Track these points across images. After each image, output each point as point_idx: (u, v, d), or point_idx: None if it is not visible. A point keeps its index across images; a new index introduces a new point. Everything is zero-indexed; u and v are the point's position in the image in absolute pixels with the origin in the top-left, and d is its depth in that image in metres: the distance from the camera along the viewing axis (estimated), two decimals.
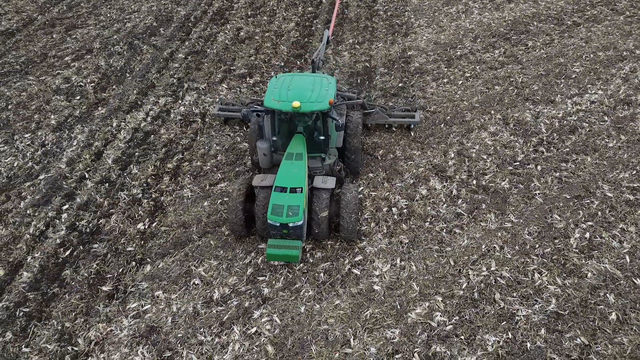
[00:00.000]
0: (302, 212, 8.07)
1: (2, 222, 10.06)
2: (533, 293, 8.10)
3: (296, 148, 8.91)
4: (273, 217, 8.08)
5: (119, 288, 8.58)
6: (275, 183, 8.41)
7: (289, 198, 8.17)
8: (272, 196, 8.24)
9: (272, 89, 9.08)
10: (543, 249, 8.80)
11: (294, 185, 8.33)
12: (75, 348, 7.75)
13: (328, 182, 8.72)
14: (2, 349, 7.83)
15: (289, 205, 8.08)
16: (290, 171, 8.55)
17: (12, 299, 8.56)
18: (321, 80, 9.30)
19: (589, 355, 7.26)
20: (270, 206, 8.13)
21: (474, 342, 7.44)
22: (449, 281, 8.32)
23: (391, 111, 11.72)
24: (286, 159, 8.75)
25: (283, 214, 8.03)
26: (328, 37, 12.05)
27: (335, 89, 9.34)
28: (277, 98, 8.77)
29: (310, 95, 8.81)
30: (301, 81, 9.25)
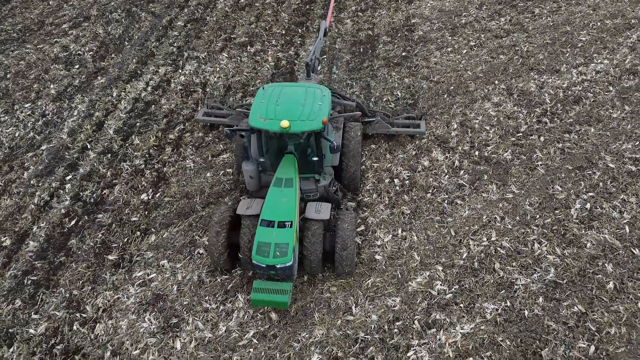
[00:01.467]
0: (291, 252, 7.10)
1: (6, 192, 10.13)
2: (532, 263, 8.22)
3: (286, 172, 7.84)
4: (258, 258, 7.12)
5: (125, 257, 8.72)
6: (261, 215, 7.43)
7: (277, 234, 7.16)
8: (258, 232, 7.25)
9: (258, 104, 7.97)
10: (543, 219, 8.88)
11: (283, 219, 7.30)
12: (84, 315, 7.95)
13: (322, 212, 7.74)
14: (12, 316, 8.03)
15: (277, 243, 7.10)
16: (278, 201, 7.52)
17: (19, 268, 8.71)
18: (314, 93, 8.21)
19: (585, 322, 7.43)
20: (255, 244, 7.16)
21: (473, 309, 7.61)
22: (449, 251, 8.43)
23: (394, 119, 10.65)
24: (274, 186, 7.71)
25: (270, 253, 7.05)
26: (325, 29, 11.07)
27: (330, 103, 8.22)
28: (263, 115, 7.73)
29: (301, 111, 7.76)
30: (291, 94, 8.18)
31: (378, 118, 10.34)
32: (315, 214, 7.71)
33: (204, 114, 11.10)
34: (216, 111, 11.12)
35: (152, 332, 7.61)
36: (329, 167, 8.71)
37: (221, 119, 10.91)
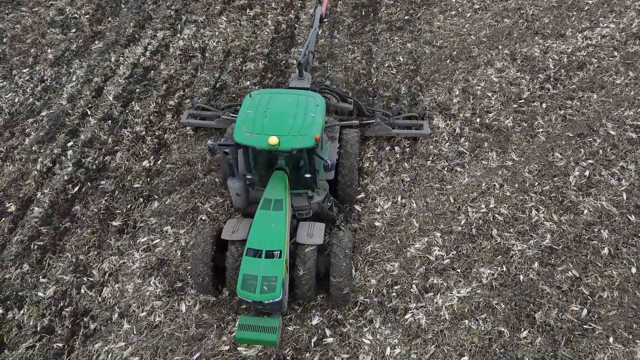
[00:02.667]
0: (280, 286, 6.43)
1: (8, 158, 10.19)
2: (529, 229, 8.36)
3: (275, 191, 7.08)
4: (244, 293, 6.44)
5: (129, 223, 8.86)
6: (247, 243, 6.72)
7: (264, 266, 6.48)
8: (243, 263, 6.56)
9: (244, 115, 7.26)
10: (542, 186, 8.96)
11: (271, 248, 6.61)
12: (91, 279, 8.16)
13: (315, 235, 7.05)
14: (21, 280, 8.25)
15: (264, 276, 6.43)
16: (266, 226, 6.80)
17: (25, 233, 8.88)
18: (306, 102, 7.46)
19: (578, 287, 7.63)
20: (240, 277, 6.47)
21: (469, 274, 7.81)
22: (448, 218, 8.56)
23: (394, 119, 9.68)
24: (262, 208, 6.96)
25: (256, 288, 6.38)
26: (321, 16, 10.26)
27: (324, 113, 7.47)
28: (250, 129, 7.02)
29: (291, 124, 7.05)
30: (281, 103, 7.43)
31: (377, 120, 9.46)
32: (308, 238, 7.02)
33: (189, 115, 10.10)
34: (202, 112, 10.07)
35: (158, 295, 7.84)
36: (324, 182, 7.99)
37: (208, 122, 9.91)
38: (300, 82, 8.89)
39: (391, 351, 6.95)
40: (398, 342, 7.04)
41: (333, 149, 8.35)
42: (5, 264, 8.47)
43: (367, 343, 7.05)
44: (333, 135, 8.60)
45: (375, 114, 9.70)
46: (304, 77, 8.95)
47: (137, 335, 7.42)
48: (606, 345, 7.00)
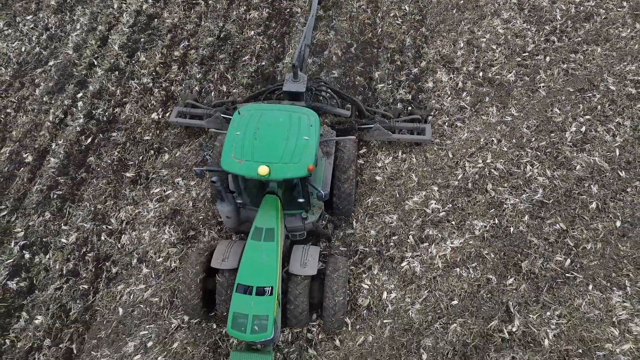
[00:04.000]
0: (272, 325, 6.16)
1: (21, 109, 10.47)
2: (522, 184, 8.78)
3: (266, 219, 6.70)
4: (234, 333, 6.18)
5: (141, 174, 9.32)
6: (237, 278, 6.37)
7: (255, 304, 6.17)
8: (233, 300, 6.25)
9: (232, 137, 6.80)
10: (538, 142, 9.26)
11: (262, 284, 6.29)
12: (109, 227, 8.74)
13: (309, 265, 6.79)
14: (44, 227, 8.84)
15: (255, 315, 6.13)
16: (257, 260, 6.47)
17: (44, 183, 9.37)
18: (299, 121, 6.99)
19: (565, 239, 8.16)
20: (230, 315, 6.18)
21: (463, 226, 8.33)
22: (446, 172, 8.96)
23: (395, 121, 9.05)
24: (253, 238, 6.59)
25: (247, 328, 6.09)
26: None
27: (319, 134, 7.04)
28: (238, 155, 6.60)
29: (283, 149, 6.63)
30: (272, 122, 6.96)
31: (377, 125, 8.87)
32: (301, 267, 6.77)
33: (178, 114, 9.47)
34: (191, 110, 9.45)
35: (173, 242, 8.44)
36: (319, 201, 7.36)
37: (198, 122, 9.34)
38: (295, 85, 8.27)
39: (387, 295, 7.63)
40: (394, 287, 7.70)
41: (328, 166, 7.90)
42: (28, 212, 9.03)
43: (365, 288, 7.71)
44: (328, 151, 8.05)
45: (375, 116, 9.08)
46: (298, 78, 8.30)
47: (156, 279, 8.11)
48: (585, 292, 7.63)
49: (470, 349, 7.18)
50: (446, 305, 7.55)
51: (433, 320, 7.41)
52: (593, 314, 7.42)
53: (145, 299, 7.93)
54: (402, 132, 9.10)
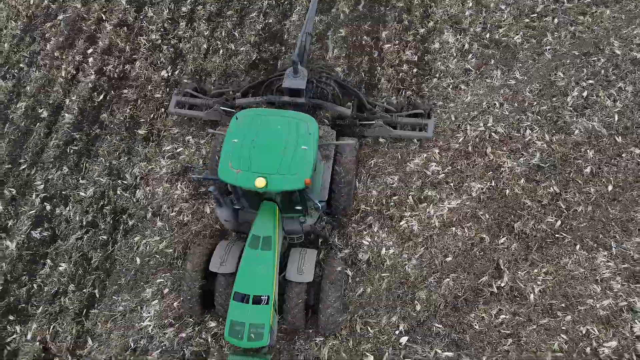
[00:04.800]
0: (268, 333, 6.44)
1: (34, 64, 10.69)
2: (521, 147, 9.07)
3: (264, 227, 6.86)
4: (232, 340, 6.47)
5: (153, 132, 9.67)
6: (234, 287, 6.63)
7: (252, 312, 6.43)
8: (230, 308, 6.52)
9: (230, 145, 6.84)
10: (540, 106, 9.45)
11: (259, 293, 6.51)
12: (125, 182, 9.21)
13: (305, 271, 6.94)
14: (63, 180, 9.33)
15: (252, 323, 6.40)
16: (254, 269, 6.68)
17: (60, 138, 9.76)
18: (297, 129, 6.96)
19: (557, 201, 8.56)
20: (227, 322, 6.46)
21: (461, 188, 8.72)
22: (447, 135, 9.24)
23: (397, 116, 8.82)
24: (250, 247, 6.77)
25: (244, 335, 6.36)
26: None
27: (317, 143, 7.03)
28: (236, 164, 6.65)
29: (281, 159, 6.67)
30: (271, 129, 6.96)
31: (379, 122, 8.67)
32: (297, 274, 6.92)
33: (177, 103, 9.26)
34: (190, 99, 9.26)
35: (185, 198, 8.93)
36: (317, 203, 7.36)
37: (197, 113, 9.18)
38: (295, 81, 8.10)
39: (386, 251, 8.16)
40: (392, 244, 8.22)
41: (327, 170, 7.81)
42: (47, 166, 9.49)
43: (365, 244, 8.24)
44: (327, 154, 7.91)
45: (377, 110, 8.85)
46: (299, 73, 8.08)
47: (170, 232, 8.67)
48: (572, 252, 8.12)
49: (460, 302, 7.78)
50: (440, 261, 8.09)
51: (427, 275, 7.98)
52: (578, 272, 7.94)
53: (161, 250, 8.52)
54: (406, 128, 8.93)
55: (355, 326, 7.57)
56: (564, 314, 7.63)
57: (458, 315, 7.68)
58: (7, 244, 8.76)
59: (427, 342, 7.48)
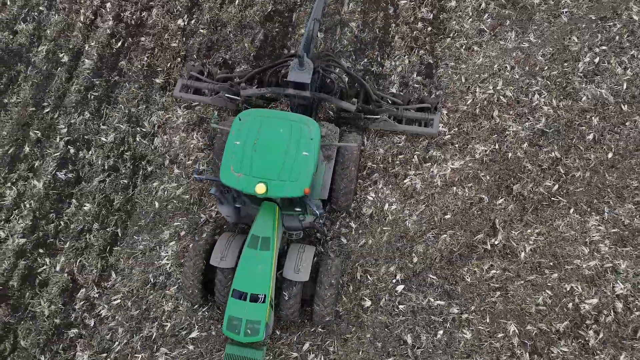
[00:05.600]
0: (263, 329, 6.83)
1: (52, 7, 10.83)
2: (527, 112, 9.28)
3: (263, 228, 7.06)
4: (229, 333, 6.89)
5: (170, 81, 9.96)
6: (233, 284, 6.99)
7: (249, 310, 6.78)
8: (229, 304, 6.90)
9: (232, 147, 6.96)
10: (550, 71, 9.55)
11: (256, 291, 6.84)
12: (143, 129, 9.65)
13: (302, 271, 7.16)
14: (85, 125, 9.78)
15: (248, 319, 6.77)
16: (252, 268, 6.96)
17: (81, 83, 10.11)
18: (300, 133, 7.01)
19: (557, 166, 8.89)
20: (225, 317, 6.87)
21: (465, 149, 9.05)
22: (456, 97, 9.45)
23: (403, 109, 8.74)
24: (249, 246, 7.03)
25: (240, 330, 6.77)
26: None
27: (318, 148, 7.08)
28: (237, 168, 6.81)
29: (282, 165, 6.80)
30: (272, 132, 7.02)
31: (384, 116, 8.62)
32: (294, 273, 7.16)
33: (182, 87, 9.30)
34: (195, 82, 9.26)
35: (200, 147, 9.38)
36: (317, 200, 7.57)
37: (203, 98, 9.19)
38: (300, 74, 7.92)
39: (389, 207, 8.66)
40: (395, 200, 8.71)
41: (328, 170, 7.85)
42: (69, 110, 9.91)
43: (370, 199, 8.74)
44: (329, 154, 7.90)
45: (383, 103, 8.74)
46: (304, 67, 7.91)
47: (186, 179, 9.19)
48: (566, 215, 8.56)
49: (455, 256, 8.36)
50: (440, 218, 8.60)
51: (426, 230, 8.51)
52: (569, 234, 8.42)
53: (178, 196, 9.09)
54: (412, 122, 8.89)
55: (355, 274, 8.24)
56: (551, 272, 8.19)
57: (452, 268, 8.28)
58: (35, 183, 9.36)
59: (421, 291, 8.14)
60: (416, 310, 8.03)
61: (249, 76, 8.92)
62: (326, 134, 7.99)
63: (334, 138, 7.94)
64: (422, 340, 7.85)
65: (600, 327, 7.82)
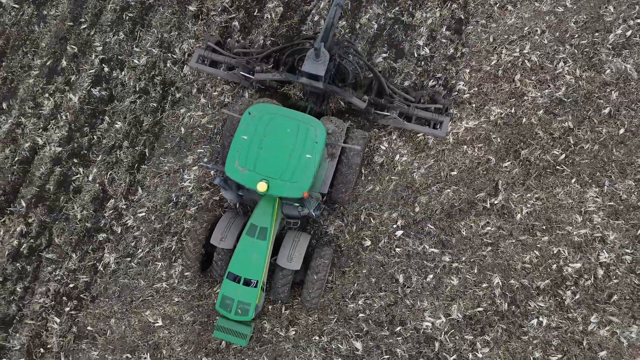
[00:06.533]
0: (253, 310, 7.43)
1: None
2: (549, 79, 9.40)
3: (262, 218, 7.49)
4: (221, 310, 7.49)
5: (203, 10, 10.15)
6: (229, 266, 7.49)
7: (241, 292, 7.37)
8: (224, 283, 7.47)
9: (239, 141, 7.25)
10: (580, 40, 9.52)
11: (250, 277, 7.37)
12: (174, 55, 10.01)
13: (294, 260, 7.57)
14: (119, 45, 10.16)
15: (240, 301, 7.37)
16: (248, 255, 7.45)
17: (117, 3, 10.36)
18: (306, 134, 7.26)
19: (568, 136, 9.17)
20: (220, 295, 7.51)
21: (481, 110, 9.33)
22: (481, 56, 9.55)
23: (415, 106, 8.79)
24: (247, 234, 7.50)
25: (232, 309, 7.39)
26: None
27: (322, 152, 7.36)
28: (242, 162, 7.15)
29: (285, 165, 7.11)
30: (280, 131, 7.27)
31: (393, 114, 8.71)
32: (287, 262, 7.58)
33: (199, 58, 9.29)
34: (212, 55, 9.19)
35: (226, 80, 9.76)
36: (317, 193, 7.97)
37: (219, 72, 9.25)
38: (315, 66, 7.96)
39: (399, 158, 9.15)
40: (407, 152, 9.17)
41: (331, 167, 8.02)
42: (104, 29, 10.26)
43: (382, 149, 9.21)
44: (334, 152, 8.04)
45: (395, 100, 8.76)
46: (320, 58, 7.94)
47: (211, 109, 9.69)
48: (567, 184, 8.99)
49: (455, 211, 8.95)
50: (446, 174, 9.09)
51: (432, 184, 9.04)
52: (566, 202, 8.90)
53: (202, 124, 9.65)
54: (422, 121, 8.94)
55: (360, 216, 8.93)
56: (542, 234, 8.78)
57: (450, 221, 8.91)
58: (71, 97, 9.96)
59: (418, 239, 8.85)
60: (411, 254, 8.78)
61: (265, 54, 8.93)
62: (333, 131, 8.05)
63: (340, 136, 8.01)
64: (412, 281, 8.67)
65: (578, 289, 8.52)
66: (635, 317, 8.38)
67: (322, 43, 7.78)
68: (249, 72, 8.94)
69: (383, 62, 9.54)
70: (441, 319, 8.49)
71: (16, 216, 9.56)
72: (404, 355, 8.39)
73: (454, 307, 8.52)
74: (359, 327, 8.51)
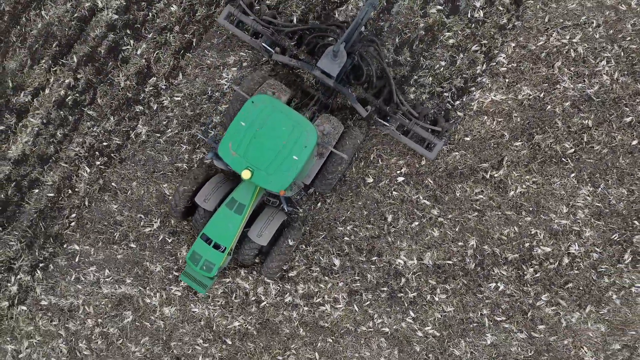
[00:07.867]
0: (217, 269, 8.14)
1: None
2: (587, 74, 9.60)
3: (242, 195, 8.11)
4: (189, 262, 8.23)
5: None
6: (204, 228, 8.15)
7: (210, 253, 8.09)
8: (197, 241, 8.16)
9: (236, 126, 7.57)
10: (632, 42, 9.55)
11: (220, 242, 8.08)
12: None
13: (264, 236, 8.22)
14: None
15: (207, 259, 8.09)
16: (224, 223, 8.09)
17: None
18: (299, 136, 7.53)
19: (583, 133, 9.60)
20: (191, 249, 8.22)
21: (512, 87, 9.66)
22: (531, 34, 9.63)
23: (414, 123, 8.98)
24: (227, 205, 8.12)
25: (199, 264, 8.12)
26: None
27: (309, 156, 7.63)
28: (235, 146, 7.52)
29: (272, 159, 7.48)
30: (276, 126, 7.54)
31: (392, 127, 9.01)
32: (257, 237, 8.22)
33: (228, 15, 9.40)
34: (241, 15, 9.24)
35: None
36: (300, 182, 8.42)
37: (244, 35, 9.36)
38: (330, 65, 7.97)
39: None
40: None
41: (317, 165, 8.32)
42: None
43: None
44: (322, 153, 8.29)
45: (399, 111, 8.95)
46: (337, 59, 7.91)
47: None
48: (566, 176, 9.60)
49: (456, 173, 9.69)
50: (460, 138, 9.69)
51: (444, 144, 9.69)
52: (559, 192, 9.59)
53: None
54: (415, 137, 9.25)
55: (370, 155, 9.71)
56: (527, 215, 9.59)
57: (449, 180, 9.70)
58: None
59: (416, 188, 9.70)
60: (405, 200, 9.70)
61: (291, 30, 9.02)
62: (328, 132, 8.40)
63: (334, 139, 8.33)
64: (399, 223, 9.69)
65: (540, 269, 9.52)
66: (581, 306, 9.46)
67: (343, 44, 7.75)
68: (270, 45, 9.22)
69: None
70: (413, 260, 9.63)
71: (67, 69, 10.43)
72: (373, 281, 9.65)
73: (428, 255, 9.61)
74: (341, 248, 9.69)
